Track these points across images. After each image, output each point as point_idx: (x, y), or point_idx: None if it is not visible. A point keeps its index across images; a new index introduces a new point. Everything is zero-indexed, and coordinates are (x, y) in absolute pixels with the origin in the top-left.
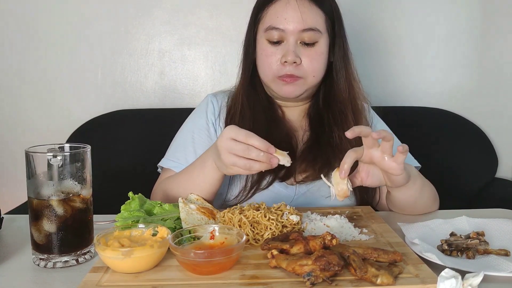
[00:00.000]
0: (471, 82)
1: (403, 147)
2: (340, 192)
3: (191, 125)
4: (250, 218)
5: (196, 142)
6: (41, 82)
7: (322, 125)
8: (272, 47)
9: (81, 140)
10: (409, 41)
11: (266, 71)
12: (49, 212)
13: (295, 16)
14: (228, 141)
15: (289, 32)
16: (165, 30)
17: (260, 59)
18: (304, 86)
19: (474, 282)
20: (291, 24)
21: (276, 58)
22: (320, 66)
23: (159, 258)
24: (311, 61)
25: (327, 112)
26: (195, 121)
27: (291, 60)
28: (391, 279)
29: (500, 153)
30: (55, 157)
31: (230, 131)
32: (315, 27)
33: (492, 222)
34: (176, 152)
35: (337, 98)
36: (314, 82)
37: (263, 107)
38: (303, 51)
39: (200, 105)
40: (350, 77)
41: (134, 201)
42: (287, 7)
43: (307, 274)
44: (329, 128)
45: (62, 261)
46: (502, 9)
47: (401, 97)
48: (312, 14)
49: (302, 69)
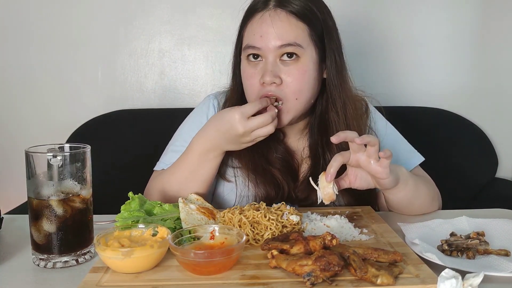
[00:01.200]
0: (471, 82)
1: (385, 153)
2: (326, 196)
3: (189, 129)
4: (250, 218)
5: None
6: (41, 82)
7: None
8: (252, 68)
9: (81, 140)
10: (410, 41)
11: (249, 94)
12: (49, 212)
13: (270, 32)
14: (244, 122)
15: (266, 50)
16: (165, 30)
17: (243, 81)
18: (289, 113)
19: (474, 282)
20: (267, 41)
21: (256, 79)
22: (303, 85)
23: (159, 258)
24: (293, 81)
25: (321, 137)
26: (194, 124)
27: (269, 80)
28: (391, 279)
29: (500, 153)
30: (55, 157)
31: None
32: (294, 42)
33: (492, 222)
34: (173, 159)
35: (332, 119)
36: (298, 106)
37: None
38: (284, 69)
39: (201, 108)
40: (345, 95)
41: (134, 201)
42: (261, 23)
43: (307, 274)
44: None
45: (62, 261)
46: (502, 9)
47: (401, 97)
48: (291, 28)
49: (283, 89)
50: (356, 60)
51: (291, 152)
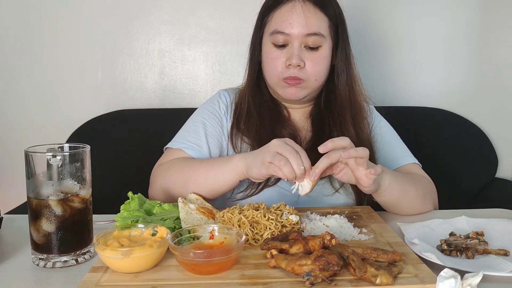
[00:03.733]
0: (471, 82)
1: (375, 170)
2: (303, 191)
3: (202, 112)
4: (250, 218)
5: (207, 128)
6: (41, 82)
7: (323, 127)
8: (277, 51)
9: (81, 140)
10: (410, 41)
11: (271, 73)
12: (48, 212)
13: (300, 21)
14: (281, 142)
15: (293, 36)
16: (165, 30)
17: (266, 62)
18: (307, 89)
19: (474, 282)
20: (296, 28)
21: (281, 61)
22: (322, 69)
23: (158, 258)
24: (314, 65)
25: (327, 114)
26: (207, 108)
27: (295, 63)
28: (390, 279)
29: (500, 153)
30: (55, 157)
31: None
32: (319, 32)
33: (491, 222)
34: (187, 135)
35: (337, 100)
36: (316, 85)
37: (269, 108)
38: (307, 55)
39: (212, 97)
40: (351, 80)
41: (134, 201)
42: (292, 12)
43: (307, 274)
44: (329, 129)
45: (62, 261)
46: (502, 9)
47: (401, 97)
48: (317, 19)
49: (305, 72)
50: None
51: (297, 130)
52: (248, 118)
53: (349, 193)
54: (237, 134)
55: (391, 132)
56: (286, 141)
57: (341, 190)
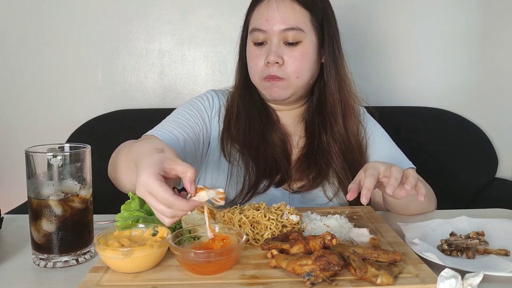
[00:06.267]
0: (471, 82)
1: (411, 184)
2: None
3: (185, 107)
4: (250, 218)
5: (187, 119)
6: (41, 82)
7: (315, 131)
8: (258, 49)
9: (81, 140)
10: (409, 40)
11: (253, 72)
12: (49, 212)
13: (275, 16)
14: (145, 189)
15: (271, 33)
16: (165, 30)
17: (248, 61)
18: (290, 87)
19: (474, 282)
20: (272, 24)
21: (261, 59)
22: (304, 66)
23: (159, 258)
24: (294, 61)
25: (319, 115)
26: (191, 103)
27: (272, 60)
28: (391, 279)
29: (500, 153)
30: (55, 157)
31: (149, 184)
32: (296, 26)
33: (492, 222)
34: (165, 124)
35: (327, 100)
36: (299, 83)
37: (259, 110)
38: (286, 51)
39: (199, 95)
40: (340, 78)
41: (134, 201)
42: (268, 8)
43: (307, 274)
44: (319, 130)
45: (62, 261)
46: (501, 8)
47: (401, 97)
48: (294, 14)
49: (285, 69)
50: (354, 60)
51: (287, 135)
52: (237, 120)
53: (343, 202)
54: (227, 139)
55: (385, 135)
56: (151, 190)
57: (335, 200)
